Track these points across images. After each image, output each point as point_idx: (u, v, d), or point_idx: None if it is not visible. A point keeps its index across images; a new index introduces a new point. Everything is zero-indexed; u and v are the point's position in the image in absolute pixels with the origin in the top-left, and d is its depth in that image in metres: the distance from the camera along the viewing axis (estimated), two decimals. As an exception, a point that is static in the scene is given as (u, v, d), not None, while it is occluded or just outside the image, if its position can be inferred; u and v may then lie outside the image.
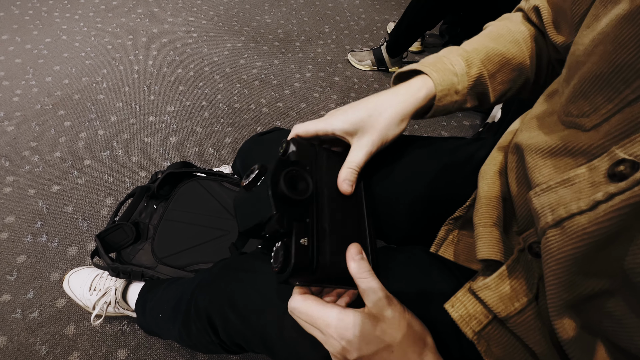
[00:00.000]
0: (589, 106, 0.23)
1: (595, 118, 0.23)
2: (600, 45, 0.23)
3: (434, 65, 0.35)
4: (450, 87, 0.35)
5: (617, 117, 0.22)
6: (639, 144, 0.19)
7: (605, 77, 0.22)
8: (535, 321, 0.25)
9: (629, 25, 0.21)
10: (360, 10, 1.93)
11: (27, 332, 0.68)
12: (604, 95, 0.22)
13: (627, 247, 0.19)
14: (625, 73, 0.21)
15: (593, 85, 0.23)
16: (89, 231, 0.84)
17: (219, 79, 1.33)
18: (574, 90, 0.25)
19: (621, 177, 0.19)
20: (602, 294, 0.22)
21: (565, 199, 0.22)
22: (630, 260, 0.19)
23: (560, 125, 0.26)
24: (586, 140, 0.23)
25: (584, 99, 0.24)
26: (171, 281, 0.55)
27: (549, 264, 0.22)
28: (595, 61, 0.23)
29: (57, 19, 1.52)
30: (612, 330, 0.22)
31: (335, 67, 1.48)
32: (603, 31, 0.23)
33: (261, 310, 0.36)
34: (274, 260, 0.27)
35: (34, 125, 1.06)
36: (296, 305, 0.28)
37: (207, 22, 1.63)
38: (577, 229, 0.20)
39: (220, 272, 0.42)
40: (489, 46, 0.37)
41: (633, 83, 0.21)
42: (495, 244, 0.28)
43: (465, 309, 0.28)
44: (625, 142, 0.20)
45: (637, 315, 0.20)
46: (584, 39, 0.25)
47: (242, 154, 0.57)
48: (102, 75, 1.27)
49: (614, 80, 0.22)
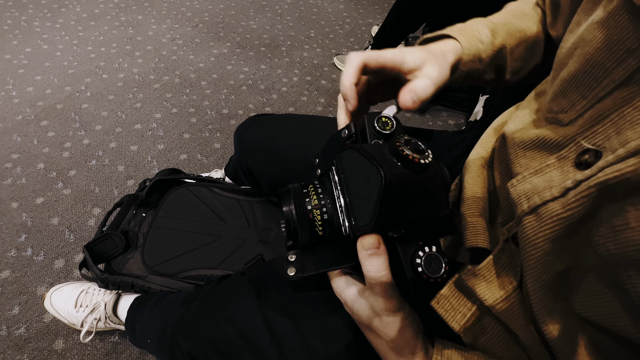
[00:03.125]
0: (567, 103, 0.25)
1: (572, 114, 0.25)
2: (578, 48, 0.25)
3: (462, 31, 0.35)
4: (475, 54, 0.35)
5: (589, 112, 0.24)
6: (600, 134, 0.21)
7: (581, 76, 0.24)
8: (519, 307, 0.26)
9: (601, 29, 0.23)
10: (345, 14, 1.96)
11: (14, 349, 0.66)
12: (580, 93, 0.24)
13: (594, 227, 0.21)
14: (597, 72, 0.23)
15: (571, 84, 0.25)
16: (76, 243, 0.82)
17: (206, 85, 1.33)
18: (556, 90, 0.27)
19: (587, 165, 0.21)
20: (576, 271, 0.23)
21: (538, 188, 0.23)
22: (598, 239, 0.21)
23: (543, 122, 0.28)
24: (562, 134, 0.25)
25: (563, 97, 0.26)
26: (157, 300, 0.54)
27: (527, 249, 0.23)
28: (574, 62, 0.25)
29: (37, 28, 1.49)
30: (587, 307, 0.23)
31: (321, 71, 1.50)
32: (581, 35, 0.25)
33: (245, 352, 0.36)
34: (426, 266, 0.22)
35: (16, 137, 1.04)
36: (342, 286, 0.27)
37: (192, 29, 1.63)
38: (551, 214, 0.22)
39: (199, 309, 0.42)
40: (511, 21, 0.38)
41: (603, 81, 0.23)
42: (482, 233, 0.29)
43: (450, 304, 0.29)
44: (589, 134, 0.22)
45: (609, 290, 0.21)
46: (566, 42, 0.28)
47: (239, 134, 0.58)
48: (85, 84, 1.25)
49: (587, 79, 0.24)
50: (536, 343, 0.26)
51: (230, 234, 0.65)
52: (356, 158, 0.23)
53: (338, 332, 0.35)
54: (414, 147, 0.21)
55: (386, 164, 0.21)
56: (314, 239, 0.25)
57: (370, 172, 0.21)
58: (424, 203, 0.22)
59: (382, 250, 0.23)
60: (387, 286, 0.23)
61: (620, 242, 0.19)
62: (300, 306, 0.37)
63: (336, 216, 0.25)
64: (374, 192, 0.21)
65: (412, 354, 0.26)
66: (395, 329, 0.25)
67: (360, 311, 0.26)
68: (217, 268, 0.61)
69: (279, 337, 0.35)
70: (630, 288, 0.19)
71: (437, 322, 0.30)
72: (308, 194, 0.26)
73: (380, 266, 0.22)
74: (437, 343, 0.27)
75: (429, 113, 1.36)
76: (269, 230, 0.66)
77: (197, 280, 0.59)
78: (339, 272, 0.27)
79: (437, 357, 0.26)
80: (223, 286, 0.43)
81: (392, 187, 0.20)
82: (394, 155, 0.21)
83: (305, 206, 0.25)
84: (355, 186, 0.23)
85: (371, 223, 0.21)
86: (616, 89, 0.22)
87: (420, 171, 0.21)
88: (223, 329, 0.37)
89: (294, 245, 0.26)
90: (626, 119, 0.21)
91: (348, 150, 0.24)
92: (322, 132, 0.48)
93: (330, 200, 0.25)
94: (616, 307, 0.21)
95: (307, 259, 0.26)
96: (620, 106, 0.21)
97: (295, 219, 0.25)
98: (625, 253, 0.19)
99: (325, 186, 0.26)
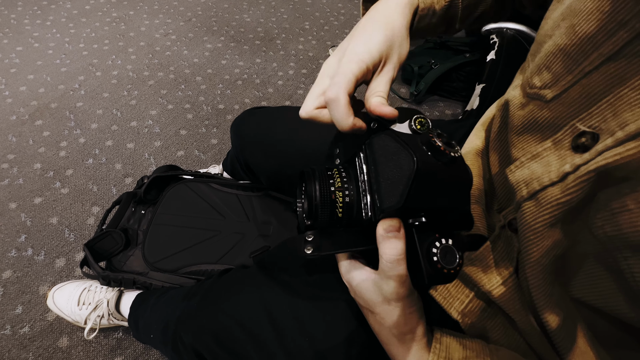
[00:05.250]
0: (551, 77, 0.24)
1: (556, 89, 0.24)
2: (566, 19, 0.24)
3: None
4: (430, 7, 0.34)
5: (575, 88, 0.23)
6: (596, 116, 0.21)
7: (567, 49, 0.23)
8: (515, 292, 0.26)
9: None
10: (339, 5, 1.93)
11: (19, 347, 0.67)
12: (565, 67, 0.23)
13: (592, 210, 0.21)
14: (585, 45, 0.22)
15: (556, 57, 0.24)
16: (76, 242, 0.82)
17: (201, 80, 1.32)
18: (539, 63, 0.26)
19: (584, 149, 0.21)
20: (574, 254, 0.23)
21: (537, 173, 0.23)
22: (596, 222, 0.21)
23: (525, 99, 0.27)
24: (549, 114, 0.24)
25: (547, 70, 0.25)
26: (159, 295, 0.54)
27: (526, 234, 0.23)
28: (561, 34, 0.24)
29: (27, 27, 1.47)
30: (584, 291, 0.23)
31: (317, 64, 1.49)
32: (571, 5, 0.24)
33: (247, 344, 0.36)
34: (442, 257, 0.22)
35: (11, 137, 1.03)
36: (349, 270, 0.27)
37: (185, 24, 1.61)
38: (550, 199, 0.22)
39: (201, 303, 0.42)
40: None
41: (591, 55, 0.22)
42: (479, 220, 0.30)
43: (448, 291, 0.30)
44: (584, 115, 0.21)
45: (606, 272, 0.21)
46: (553, 12, 0.26)
47: (235, 127, 0.58)
48: (79, 82, 1.24)
49: (574, 52, 0.23)
50: (533, 329, 0.26)
51: (230, 229, 0.65)
52: (389, 143, 0.24)
53: (340, 323, 0.35)
54: (445, 140, 0.22)
55: (419, 151, 0.21)
56: (332, 220, 0.26)
57: (402, 157, 0.22)
58: (449, 195, 0.22)
59: (402, 234, 0.23)
60: (400, 271, 0.23)
61: (617, 224, 0.19)
62: (302, 297, 0.37)
63: (357, 201, 0.26)
64: (405, 176, 0.21)
65: (414, 341, 0.26)
66: (401, 314, 0.25)
67: (366, 294, 0.26)
68: (218, 263, 0.61)
69: (280, 328, 0.35)
70: (626, 269, 0.20)
71: (436, 311, 0.30)
72: (332, 176, 0.27)
73: (398, 249, 0.22)
74: (436, 331, 0.27)
75: (426, 103, 1.36)
76: (268, 224, 0.66)
77: (198, 275, 0.60)
78: (347, 255, 0.28)
79: (436, 346, 0.26)
80: (224, 280, 0.44)
81: (422, 173, 0.21)
82: (426, 145, 0.22)
83: (329, 187, 0.26)
84: (386, 170, 0.23)
85: (398, 205, 0.22)
86: (604, 64, 0.21)
87: (450, 163, 0.22)
88: (225, 321, 0.38)
89: (312, 226, 0.27)
90: (623, 100, 0.20)
91: (382, 135, 0.25)
92: (319, 124, 0.48)
93: (354, 186, 0.26)
94: (612, 289, 0.22)
95: (324, 239, 0.27)
96: (613, 85, 0.21)
97: (318, 199, 0.25)
98: (623, 235, 0.19)
99: (349, 172, 0.27)
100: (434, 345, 0.26)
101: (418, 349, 0.26)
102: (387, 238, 0.23)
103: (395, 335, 0.26)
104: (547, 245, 0.23)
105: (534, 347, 0.27)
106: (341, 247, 0.26)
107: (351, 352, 0.33)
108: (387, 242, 0.23)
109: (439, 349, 0.26)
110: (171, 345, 0.44)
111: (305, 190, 0.26)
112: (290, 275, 0.39)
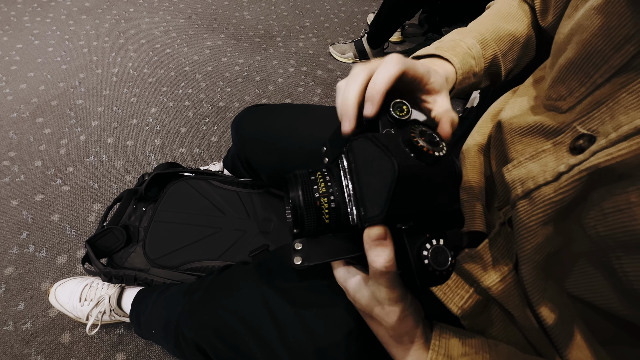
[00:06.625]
0: (566, 90, 0.25)
1: (571, 101, 0.25)
2: (576, 34, 0.25)
3: (453, 50, 0.35)
4: (469, 70, 0.35)
5: (588, 99, 0.24)
6: (596, 119, 0.21)
7: (579, 63, 0.24)
8: (515, 288, 0.27)
9: (599, 15, 0.23)
10: (340, 2, 1.93)
11: (22, 343, 0.67)
12: (578, 80, 0.24)
13: (585, 210, 0.22)
14: (595, 59, 0.23)
15: (569, 71, 0.25)
16: (77, 238, 0.83)
17: (201, 78, 1.31)
18: (555, 76, 0.27)
19: (580, 150, 0.21)
20: (568, 253, 0.23)
21: (533, 172, 0.24)
22: (588, 222, 0.21)
23: (541, 109, 0.28)
24: (560, 120, 0.25)
25: (561, 83, 0.26)
26: (160, 291, 0.55)
27: (520, 231, 0.24)
28: (572, 49, 0.25)
29: (27, 24, 1.47)
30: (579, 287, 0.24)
31: (317, 61, 1.49)
32: (579, 21, 0.25)
33: (248, 339, 0.36)
34: (433, 259, 0.21)
35: (12, 134, 1.03)
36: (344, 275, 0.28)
37: (185, 21, 1.61)
38: (544, 198, 0.22)
39: (202, 298, 0.42)
40: (499, 26, 0.37)
41: (601, 68, 0.23)
42: (479, 217, 0.30)
43: (448, 287, 0.30)
44: (585, 119, 0.22)
45: (600, 271, 0.22)
46: (564, 28, 0.27)
47: (236, 124, 0.59)
48: (79, 80, 1.24)
49: (586, 66, 0.24)
50: (532, 325, 0.27)
51: (231, 226, 0.65)
52: (369, 147, 0.22)
53: (340, 319, 0.35)
54: (428, 138, 0.21)
55: (400, 155, 0.20)
56: (320, 227, 0.25)
57: (383, 163, 0.21)
58: (436, 196, 0.21)
59: (389, 241, 0.22)
60: (390, 277, 0.23)
61: (609, 224, 0.20)
62: (302, 294, 0.38)
63: (343, 205, 0.25)
64: (386, 184, 0.20)
65: (412, 342, 0.26)
66: (396, 317, 0.25)
67: (362, 300, 0.26)
68: (219, 259, 0.61)
69: (281, 324, 0.36)
70: (619, 268, 0.20)
71: (436, 307, 0.30)
72: (316, 180, 0.25)
73: (385, 257, 0.22)
74: (436, 328, 0.28)
75: (426, 101, 1.36)
76: (269, 221, 0.66)
77: (199, 271, 0.60)
78: (342, 261, 0.27)
79: (435, 343, 0.26)
80: (225, 276, 0.44)
81: (404, 179, 0.20)
82: (408, 146, 0.21)
83: (313, 193, 0.25)
84: (367, 176, 0.22)
85: (381, 215, 0.21)
86: (614, 76, 0.22)
87: (433, 164, 0.20)
88: (226, 317, 0.38)
89: (300, 234, 0.26)
90: (620, 103, 0.21)
91: (360, 139, 0.23)
92: (319, 121, 0.48)
93: (339, 189, 0.25)
94: (606, 286, 0.22)
95: (313, 248, 0.26)
96: (617, 91, 0.21)
97: (302, 206, 0.24)
98: (614, 235, 0.20)
99: (333, 174, 0.26)
100: (433, 342, 0.26)
101: (416, 348, 0.26)
102: (373, 247, 0.22)
103: (392, 337, 0.26)
104: (539, 242, 0.23)
105: (533, 342, 0.28)
106: (330, 255, 0.25)
107: (351, 349, 0.33)
108: (374, 250, 0.22)
109: (438, 345, 0.26)
110: (173, 341, 0.44)
111: (289, 197, 0.25)
112: (287, 280, 0.39)
